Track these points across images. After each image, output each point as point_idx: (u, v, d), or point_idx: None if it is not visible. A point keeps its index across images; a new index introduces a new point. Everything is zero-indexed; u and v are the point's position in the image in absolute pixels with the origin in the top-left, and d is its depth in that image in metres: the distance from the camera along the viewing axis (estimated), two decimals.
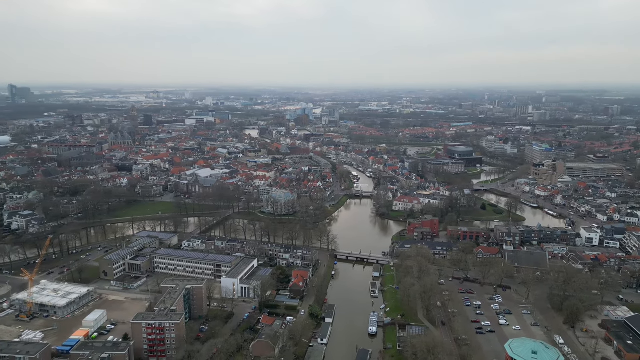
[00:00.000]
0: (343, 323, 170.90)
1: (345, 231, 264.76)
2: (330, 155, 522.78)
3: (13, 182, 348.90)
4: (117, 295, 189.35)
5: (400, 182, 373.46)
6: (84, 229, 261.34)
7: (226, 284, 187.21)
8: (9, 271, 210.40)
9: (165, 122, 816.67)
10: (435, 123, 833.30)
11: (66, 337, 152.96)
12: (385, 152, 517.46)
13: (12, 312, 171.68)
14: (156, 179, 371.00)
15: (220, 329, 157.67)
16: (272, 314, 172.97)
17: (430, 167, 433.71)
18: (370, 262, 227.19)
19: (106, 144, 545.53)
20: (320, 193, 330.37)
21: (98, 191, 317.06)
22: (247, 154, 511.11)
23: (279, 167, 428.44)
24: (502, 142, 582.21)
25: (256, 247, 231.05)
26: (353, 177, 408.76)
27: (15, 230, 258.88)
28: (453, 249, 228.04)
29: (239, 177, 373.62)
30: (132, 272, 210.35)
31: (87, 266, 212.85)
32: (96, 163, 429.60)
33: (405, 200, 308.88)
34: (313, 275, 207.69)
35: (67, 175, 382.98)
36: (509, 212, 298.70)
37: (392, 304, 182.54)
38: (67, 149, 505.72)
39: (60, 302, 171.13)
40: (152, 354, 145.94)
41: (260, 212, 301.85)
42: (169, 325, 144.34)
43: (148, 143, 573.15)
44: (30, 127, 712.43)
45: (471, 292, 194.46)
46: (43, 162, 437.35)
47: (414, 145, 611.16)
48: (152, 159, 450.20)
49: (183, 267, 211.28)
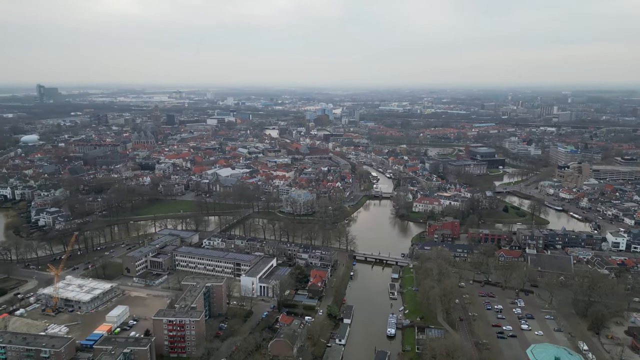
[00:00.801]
0: (361, 324, 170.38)
1: (364, 232, 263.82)
2: (349, 155, 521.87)
3: (41, 180, 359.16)
4: (139, 292, 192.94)
5: (420, 183, 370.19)
6: (108, 226, 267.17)
7: (245, 283, 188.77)
8: (35, 266, 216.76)
9: (187, 121, 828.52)
10: (457, 124, 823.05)
11: (90, 331, 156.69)
12: (405, 152, 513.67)
13: (38, 306, 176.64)
14: (178, 177, 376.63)
15: (239, 327, 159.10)
16: (290, 313, 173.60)
17: (451, 168, 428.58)
18: (389, 263, 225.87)
19: (130, 143, 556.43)
20: (339, 193, 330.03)
21: (122, 189, 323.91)
22: (267, 153, 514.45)
23: (299, 167, 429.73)
24: (525, 144, 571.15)
25: (275, 247, 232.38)
26: (372, 177, 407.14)
27: (42, 227, 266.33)
28: (474, 251, 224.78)
29: (259, 177, 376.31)
30: (154, 269, 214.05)
31: (111, 263, 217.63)
32: (120, 162, 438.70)
33: (426, 201, 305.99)
34: (331, 275, 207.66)
35: (92, 173, 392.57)
36: (532, 215, 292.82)
37: (411, 306, 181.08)
38: (92, 147, 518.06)
39: (85, 297, 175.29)
40: (172, 350, 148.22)
41: (279, 212, 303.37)
42: (189, 322, 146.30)
43: (170, 142, 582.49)
44: (58, 126, 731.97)
45: (492, 295, 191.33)
46: (69, 160, 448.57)
47: (435, 146, 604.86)
48: (174, 158, 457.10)
49: (203, 265, 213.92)
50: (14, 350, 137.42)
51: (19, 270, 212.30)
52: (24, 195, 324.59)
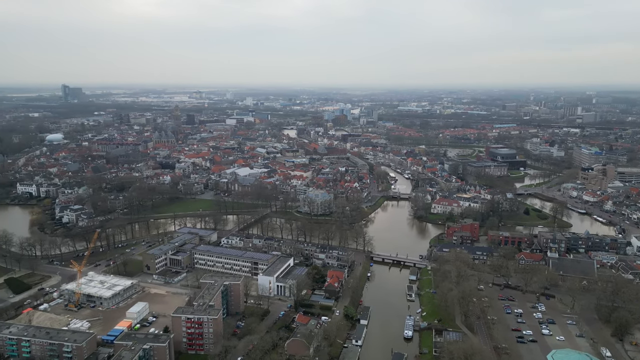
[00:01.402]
0: (378, 325, 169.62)
1: (382, 233, 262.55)
2: (367, 156, 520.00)
3: (65, 178, 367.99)
4: (159, 289, 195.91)
5: (439, 184, 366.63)
6: (129, 223, 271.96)
7: (263, 282, 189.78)
8: (59, 262, 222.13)
9: (207, 121, 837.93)
10: (477, 124, 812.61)
11: (111, 327, 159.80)
12: (424, 153, 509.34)
13: (61, 302, 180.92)
14: (197, 177, 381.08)
15: (256, 325, 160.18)
16: (307, 313, 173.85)
17: (471, 169, 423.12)
18: (406, 265, 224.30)
19: (151, 142, 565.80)
20: (356, 194, 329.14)
21: (143, 188, 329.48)
22: (285, 153, 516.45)
23: (316, 167, 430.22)
24: (547, 145, 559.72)
25: (292, 246, 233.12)
26: (390, 178, 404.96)
27: (66, 224, 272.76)
28: (493, 254, 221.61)
29: (277, 177, 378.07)
30: (173, 267, 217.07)
31: (131, 260, 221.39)
32: (141, 161, 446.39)
33: (445, 202, 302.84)
34: (348, 276, 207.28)
35: (115, 172, 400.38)
36: (554, 218, 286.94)
37: (428, 309, 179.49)
38: (114, 146, 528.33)
39: (106, 293, 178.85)
40: (190, 347, 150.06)
41: (296, 212, 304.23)
42: (207, 320, 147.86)
43: (190, 142, 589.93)
44: (81, 125, 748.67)
45: (512, 299, 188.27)
46: (92, 159, 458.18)
47: (454, 146, 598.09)
48: (194, 157, 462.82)
49: (221, 264, 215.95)
50: (37, 344, 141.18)
51: (43, 265, 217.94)
52: (49, 192, 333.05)
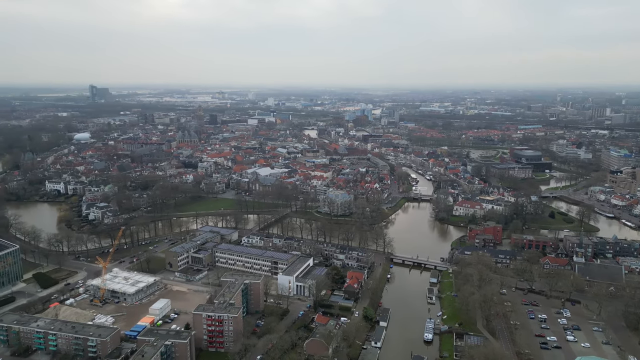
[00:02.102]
0: (398, 328, 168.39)
1: (402, 234, 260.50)
2: (388, 156, 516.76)
3: (91, 176, 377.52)
4: (181, 286, 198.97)
5: (461, 186, 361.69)
6: (152, 221, 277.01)
7: (282, 281, 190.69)
8: (85, 258, 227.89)
9: (229, 121, 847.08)
10: (501, 125, 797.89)
11: (134, 323, 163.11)
12: (446, 154, 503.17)
13: (87, 297, 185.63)
14: (219, 176, 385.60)
15: (275, 325, 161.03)
16: (326, 313, 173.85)
17: (494, 171, 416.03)
18: (427, 267, 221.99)
19: (174, 141, 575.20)
20: (377, 195, 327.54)
21: (166, 186, 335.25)
22: (306, 154, 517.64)
23: (337, 168, 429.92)
24: (574, 147, 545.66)
25: (312, 246, 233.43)
26: (412, 179, 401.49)
27: (92, 221, 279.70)
28: (517, 258, 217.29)
29: (297, 177, 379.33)
30: (195, 265, 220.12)
31: (154, 257, 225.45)
32: (165, 160, 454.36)
33: (467, 205, 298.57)
34: (368, 277, 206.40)
35: (139, 170, 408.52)
36: (580, 222, 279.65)
37: (449, 312, 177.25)
38: (139, 145, 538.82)
39: (130, 289, 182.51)
40: (211, 345, 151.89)
41: (316, 212, 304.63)
42: (228, 318, 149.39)
43: (212, 142, 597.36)
44: (108, 125, 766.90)
45: (536, 304, 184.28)
46: (118, 157, 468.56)
47: (478, 148, 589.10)
48: (216, 157, 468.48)
49: (242, 263, 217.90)
50: (63, 338, 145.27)
51: (69, 261, 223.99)
52: (76, 190, 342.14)
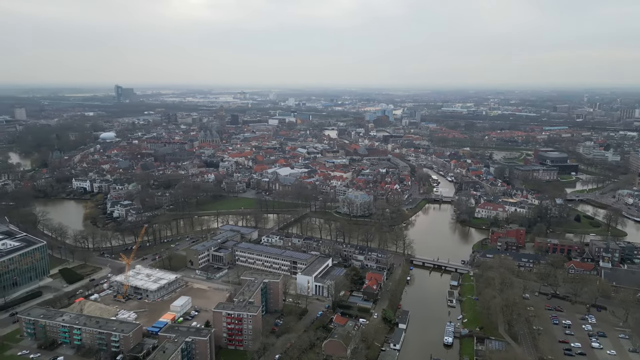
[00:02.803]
0: (417, 330, 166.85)
1: (423, 236, 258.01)
2: (409, 157, 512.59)
3: (116, 174, 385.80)
4: (201, 284, 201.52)
5: (484, 187, 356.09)
6: (174, 219, 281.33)
7: (301, 281, 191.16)
8: (109, 255, 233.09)
9: (250, 121, 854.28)
10: (526, 126, 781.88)
11: (155, 319, 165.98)
12: (468, 155, 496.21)
13: (110, 293, 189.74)
14: (240, 175, 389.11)
15: (294, 324, 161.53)
16: (344, 314, 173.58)
17: (518, 173, 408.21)
18: (448, 270, 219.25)
19: (196, 141, 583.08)
20: (397, 196, 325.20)
21: (188, 185, 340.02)
22: (326, 154, 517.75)
23: (356, 168, 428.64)
24: (602, 149, 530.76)
25: (331, 247, 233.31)
26: (433, 180, 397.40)
27: (116, 218, 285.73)
28: (541, 262, 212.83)
29: (317, 177, 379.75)
30: (215, 263, 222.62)
31: (176, 255, 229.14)
32: (187, 159, 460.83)
33: (489, 207, 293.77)
34: (387, 279, 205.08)
35: (162, 169, 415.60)
36: (607, 226, 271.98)
37: (470, 315, 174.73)
38: (162, 145, 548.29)
39: (152, 286, 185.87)
40: (230, 343, 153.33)
41: (336, 212, 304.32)
42: (247, 316, 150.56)
43: (234, 141, 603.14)
44: (132, 124, 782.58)
45: (560, 309, 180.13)
46: (142, 156, 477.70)
47: (501, 149, 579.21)
48: (237, 156, 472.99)
49: (261, 262, 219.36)
50: (87, 332, 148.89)
51: (94, 257, 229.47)
52: (101, 188, 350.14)
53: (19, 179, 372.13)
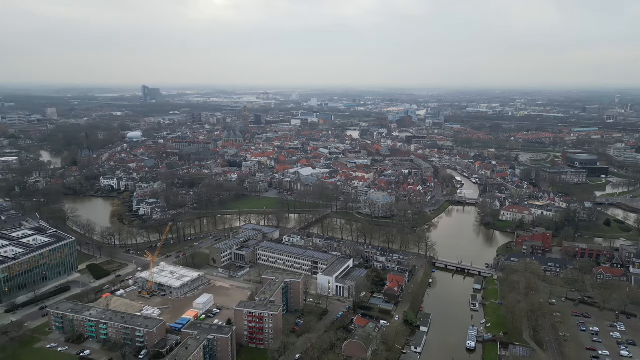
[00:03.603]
0: (439, 333, 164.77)
1: (445, 238, 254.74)
2: (432, 158, 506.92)
3: (142, 173, 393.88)
4: (223, 282, 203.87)
5: (509, 190, 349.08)
6: (198, 218, 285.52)
7: (322, 281, 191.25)
8: (135, 252, 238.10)
9: (273, 122, 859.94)
10: (553, 127, 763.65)
11: (178, 315, 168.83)
12: (493, 157, 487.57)
13: (135, 289, 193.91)
14: (262, 175, 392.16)
15: (314, 324, 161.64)
16: (365, 315, 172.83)
17: (545, 175, 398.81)
18: (471, 273, 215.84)
19: (220, 141, 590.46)
20: (420, 197, 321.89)
21: (211, 184, 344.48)
22: (348, 154, 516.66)
23: (378, 169, 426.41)
24: (633, 151, 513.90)
25: (352, 248, 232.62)
26: (456, 182, 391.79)
27: (142, 216, 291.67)
28: (568, 266, 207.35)
29: (339, 177, 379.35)
30: (237, 262, 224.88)
31: (199, 253, 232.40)
32: (211, 158, 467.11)
33: (515, 210, 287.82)
34: (409, 281, 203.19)
35: (186, 168, 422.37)
36: (639, 231, 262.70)
37: (493, 320, 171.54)
38: (187, 144, 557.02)
39: (176, 283, 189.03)
40: (251, 341, 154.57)
41: (357, 213, 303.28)
42: (268, 315, 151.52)
43: (257, 141, 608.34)
44: (158, 124, 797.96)
45: (587, 316, 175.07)
46: (167, 156, 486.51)
47: (527, 151, 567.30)
48: (260, 156, 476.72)
49: (283, 261, 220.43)
50: (113, 327, 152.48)
51: (120, 254, 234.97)
52: (128, 186, 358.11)
53: (49, 177, 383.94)
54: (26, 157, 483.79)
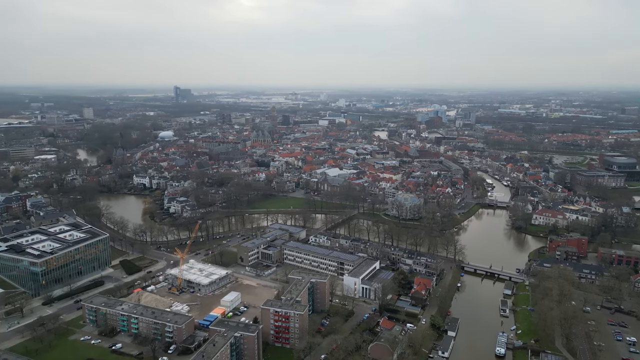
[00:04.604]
0: (467, 339, 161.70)
1: (475, 242, 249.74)
2: (462, 160, 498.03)
3: (173, 172, 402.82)
4: (250, 281, 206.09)
5: (542, 193, 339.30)
6: (226, 217, 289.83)
7: (348, 283, 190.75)
8: (165, 249, 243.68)
9: (301, 122, 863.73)
10: (590, 129, 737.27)
11: (206, 312, 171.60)
12: (526, 159, 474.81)
13: (165, 285, 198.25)
14: (290, 175, 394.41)
15: (340, 325, 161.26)
16: (391, 318, 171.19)
17: (580, 178, 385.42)
18: (501, 278, 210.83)
19: (249, 141, 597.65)
20: (449, 199, 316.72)
21: (240, 184, 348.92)
22: (375, 155, 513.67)
23: (407, 170, 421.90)
24: None
25: (379, 249, 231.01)
26: (487, 184, 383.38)
27: (173, 214, 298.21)
28: (604, 274, 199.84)
29: (366, 178, 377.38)
30: (264, 261, 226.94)
31: (227, 251, 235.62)
32: (240, 158, 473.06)
33: (548, 214, 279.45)
34: (437, 284, 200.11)
35: (216, 168, 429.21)
36: None
37: (524, 327, 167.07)
38: (217, 144, 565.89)
39: (204, 280, 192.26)
40: (277, 340, 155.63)
41: (384, 215, 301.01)
42: (294, 315, 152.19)
43: (284, 142, 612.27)
44: (189, 123, 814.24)
45: (624, 325, 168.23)
46: (197, 155, 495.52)
47: (562, 153, 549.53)
48: (287, 156, 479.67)
49: (309, 261, 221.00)
50: (144, 322, 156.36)
51: (151, 251, 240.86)
52: (159, 184, 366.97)
53: (86, 174, 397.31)
54: (64, 155, 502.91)
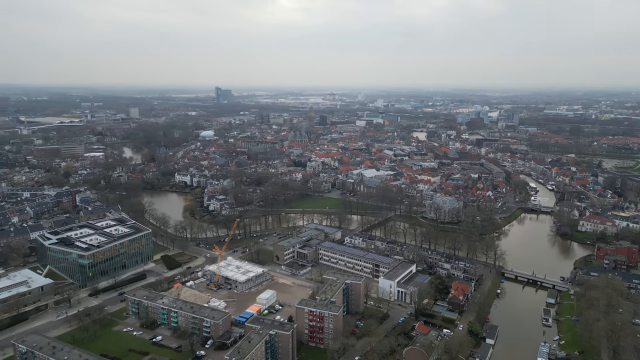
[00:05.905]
0: (506, 347, 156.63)
1: (516, 248, 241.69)
2: (504, 162, 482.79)
3: (213, 170, 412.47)
4: (286, 279, 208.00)
5: (590, 198, 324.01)
6: (263, 215, 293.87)
7: (383, 285, 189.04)
8: (204, 245, 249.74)
9: (338, 122, 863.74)
10: None
11: (243, 309, 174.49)
12: (573, 163, 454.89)
13: (204, 281, 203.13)
14: (326, 175, 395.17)
15: (375, 328, 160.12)
16: (427, 323, 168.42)
17: (632, 184, 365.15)
18: (544, 286, 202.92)
19: (286, 141, 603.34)
20: (489, 203, 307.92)
21: (277, 183, 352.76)
22: (413, 156, 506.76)
23: (446, 172, 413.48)
24: None
25: (415, 252, 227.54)
26: (530, 188, 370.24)
27: (212, 211, 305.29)
28: None
29: (403, 180, 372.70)
30: (300, 260, 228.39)
31: (264, 249, 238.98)
32: (277, 158, 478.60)
33: (596, 220, 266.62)
34: (475, 290, 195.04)
35: (254, 167, 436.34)
36: None
37: (568, 337, 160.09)
38: (255, 144, 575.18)
39: (241, 278, 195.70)
40: (311, 339, 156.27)
41: (422, 217, 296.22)
42: (329, 315, 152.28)
43: (321, 142, 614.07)
44: (229, 123, 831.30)
45: None
46: (236, 154, 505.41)
47: (612, 157, 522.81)
48: (324, 157, 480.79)
49: (344, 262, 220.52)
50: (183, 316, 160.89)
51: (191, 247, 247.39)
52: (200, 182, 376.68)
53: (130, 172, 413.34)
54: (111, 153, 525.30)
